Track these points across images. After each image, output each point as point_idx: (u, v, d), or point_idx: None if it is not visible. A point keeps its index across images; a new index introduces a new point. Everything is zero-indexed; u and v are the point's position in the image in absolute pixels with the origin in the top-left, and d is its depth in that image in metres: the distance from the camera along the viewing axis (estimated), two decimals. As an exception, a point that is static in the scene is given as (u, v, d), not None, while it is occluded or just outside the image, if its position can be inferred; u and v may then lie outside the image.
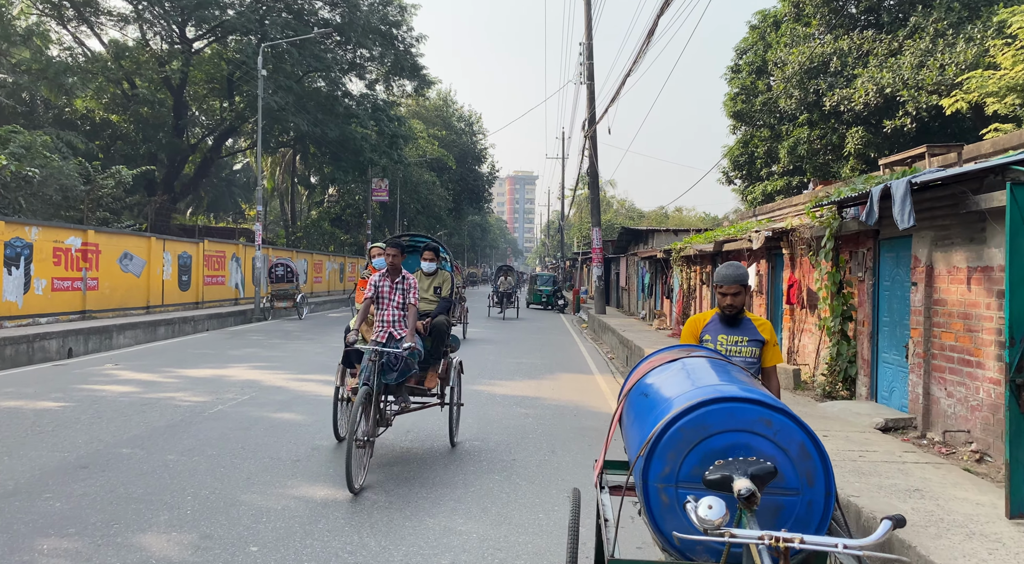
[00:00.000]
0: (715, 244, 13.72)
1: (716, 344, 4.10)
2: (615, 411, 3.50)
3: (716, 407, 2.64)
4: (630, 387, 3.42)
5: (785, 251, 10.82)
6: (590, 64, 26.94)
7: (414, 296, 6.62)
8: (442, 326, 7.48)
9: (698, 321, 4.26)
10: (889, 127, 20.73)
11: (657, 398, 3.02)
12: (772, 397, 2.74)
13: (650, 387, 3.19)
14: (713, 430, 2.63)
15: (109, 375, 11.78)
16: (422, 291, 7.67)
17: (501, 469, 6.75)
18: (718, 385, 2.90)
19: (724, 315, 4.16)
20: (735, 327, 4.14)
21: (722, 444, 2.62)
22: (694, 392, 2.81)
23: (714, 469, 2.48)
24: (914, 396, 7.10)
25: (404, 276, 6.67)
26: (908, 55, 20.29)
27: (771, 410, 2.62)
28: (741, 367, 3.49)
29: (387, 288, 6.62)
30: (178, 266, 23.25)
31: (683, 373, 3.18)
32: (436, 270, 7.95)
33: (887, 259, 7.93)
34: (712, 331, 4.16)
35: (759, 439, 2.61)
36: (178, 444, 7.22)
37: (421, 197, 54.35)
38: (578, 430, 8.59)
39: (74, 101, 33.21)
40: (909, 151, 12.29)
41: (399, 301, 6.60)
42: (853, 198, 7.65)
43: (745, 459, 2.50)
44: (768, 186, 27.82)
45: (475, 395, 10.70)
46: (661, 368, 3.34)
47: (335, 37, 36.68)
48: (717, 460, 2.55)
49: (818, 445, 2.60)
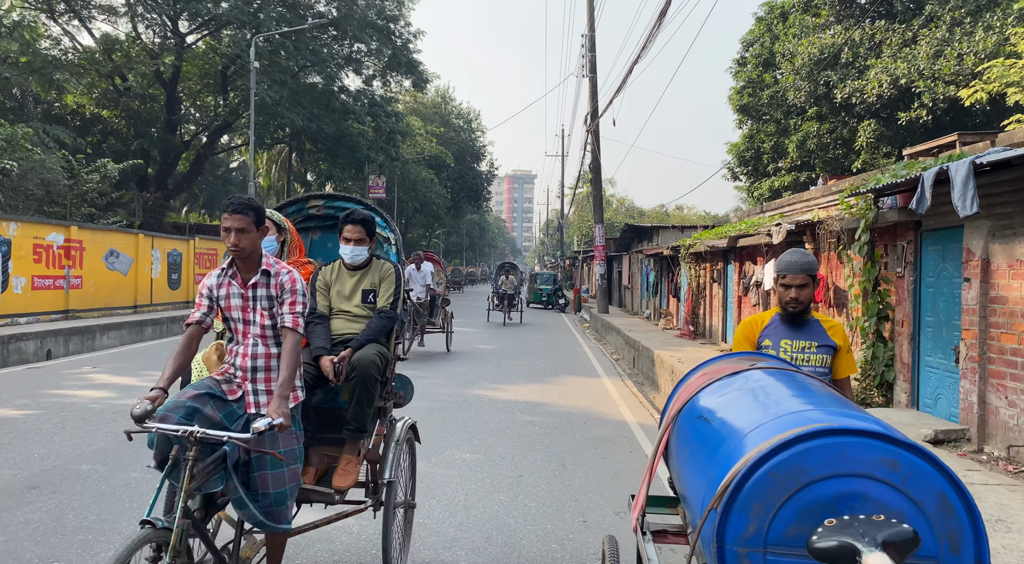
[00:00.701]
0: (729, 239, 12.99)
1: (779, 351, 3.35)
2: (659, 437, 2.75)
3: (819, 443, 1.90)
4: (679, 407, 2.67)
5: (808, 246, 10.08)
6: (592, 56, 26.20)
7: (294, 308, 3.31)
8: (370, 371, 3.74)
9: (755, 323, 3.51)
10: (904, 119, 19.99)
11: (724, 426, 2.28)
12: (895, 429, 1.99)
13: (711, 410, 2.45)
14: (816, 475, 1.89)
15: (84, 379, 11.02)
16: (342, 298, 4.14)
17: (506, 488, 6.01)
18: (809, 411, 2.16)
19: (787, 314, 3.41)
20: (801, 329, 3.39)
21: (829, 494, 1.88)
22: (781, 421, 2.07)
23: (825, 532, 1.74)
24: (967, 405, 6.36)
25: (277, 272, 3.33)
26: (924, 45, 19.58)
27: (898, 447, 1.89)
28: None
29: (238, 298, 3.35)
30: (167, 264, 22.49)
31: (753, 392, 2.44)
32: (368, 260, 4.17)
33: (931, 253, 7.20)
34: (773, 335, 3.41)
35: (881, 487, 1.87)
36: (145, 458, 6.40)
37: (419, 195, 53.55)
38: (589, 440, 7.85)
39: (64, 97, 32.46)
40: (937, 140, 11.56)
41: (264, 322, 3.35)
42: (892, 186, 6.91)
43: (869, 519, 1.76)
44: (775, 182, 27.06)
45: (475, 401, 9.95)
46: (720, 384, 2.60)
47: (331, 31, 35.95)
48: (827, 518, 1.81)
49: (965, 496, 1.86)
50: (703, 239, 15.51)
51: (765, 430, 2.05)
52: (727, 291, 14.93)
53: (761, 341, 3.41)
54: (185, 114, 37.80)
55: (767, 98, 26.51)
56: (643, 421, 9.13)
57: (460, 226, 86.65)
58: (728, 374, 2.65)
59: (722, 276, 15.21)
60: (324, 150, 38.75)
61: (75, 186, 19.62)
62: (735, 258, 13.94)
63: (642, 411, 9.91)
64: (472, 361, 14.48)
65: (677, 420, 2.66)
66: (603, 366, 14.79)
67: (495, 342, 18.49)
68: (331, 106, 35.45)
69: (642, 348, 14.42)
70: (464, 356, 15.31)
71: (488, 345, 17.77)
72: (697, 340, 15.84)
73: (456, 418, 8.72)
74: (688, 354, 12.75)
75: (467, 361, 14.45)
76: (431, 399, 9.98)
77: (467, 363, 14.11)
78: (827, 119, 24.10)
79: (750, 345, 3.44)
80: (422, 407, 9.33)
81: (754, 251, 12.84)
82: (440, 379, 11.87)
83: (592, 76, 26.18)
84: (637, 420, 9.14)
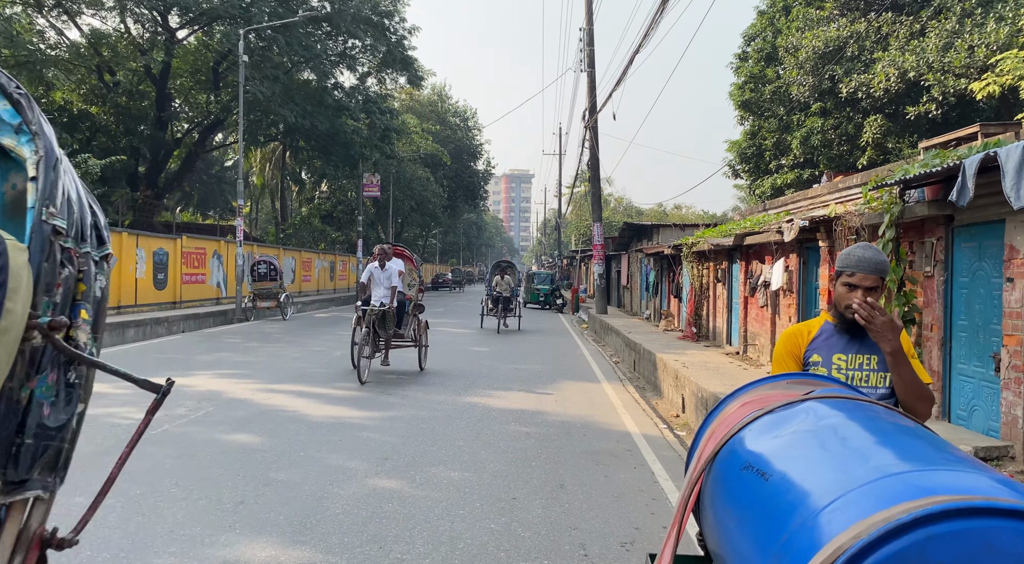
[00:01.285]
0: (735, 237, 12.35)
1: (831, 368, 2.70)
2: (689, 486, 2.10)
3: (950, 528, 1.26)
4: (716, 447, 2.03)
5: (823, 244, 9.45)
6: (590, 51, 25.56)
7: None
8: None
9: (799, 335, 2.84)
10: (912, 113, 19.38)
11: (789, 487, 1.63)
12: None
13: (763, 459, 1.80)
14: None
15: (52, 385, 10.35)
16: None
17: (498, 513, 5.37)
18: (914, 471, 1.51)
19: (845, 321, 2.73)
20: (858, 341, 2.72)
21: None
22: (877, 487, 1.43)
23: None
24: (1010, 419, 5.73)
25: None
26: (933, 37, 18.95)
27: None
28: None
29: None
30: (153, 263, 21.81)
31: (820, 435, 1.80)
32: None
33: (965, 250, 6.57)
34: (823, 348, 2.74)
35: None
36: (96, 479, 5.77)
37: (415, 194, 52.87)
38: (589, 454, 7.21)
39: (52, 93, 31.77)
40: (956, 132, 10.93)
41: None
42: (924, 176, 6.28)
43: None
44: (777, 179, 26.44)
45: (467, 409, 9.31)
46: (771, 420, 1.96)
47: (324, 27, 35.29)
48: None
49: None
50: (707, 237, 14.88)
51: (857, 502, 1.41)
52: (732, 291, 14.30)
53: (808, 356, 2.76)
54: (176, 111, 37.12)
55: (769, 93, 25.90)
56: (647, 431, 8.49)
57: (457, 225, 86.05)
58: (779, 405, 2.01)
59: (727, 276, 14.58)
60: (318, 148, 38.09)
61: (54, 182, 18.87)
62: (741, 257, 13.31)
63: (645, 420, 9.27)
64: (464, 365, 13.84)
65: (714, 465, 2.01)
66: (603, 370, 14.15)
67: (489, 344, 17.85)
68: (325, 103, 34.79)
69: (643, 351, 13.79)
70: (456, 359, 14.66)
71: (482, 348, 17.13)
72: (700, 342, 15.21)
73: (446, 430, 8.08)
74: (692, 358, 12.12)
75: (459, 365, 13.80)
76: (419, 407, 9.34)
77: (459, 367, 13.47)
78: (831, 114, 23.48)
79: (794, 362, 2.78)
80: (408, 416, 8.70)
81: (762, 250, 12.21)
82: (430, 385, 11.23)
83: (590, 71, 25.54)
84: (641, 430, 8.50)
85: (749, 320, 12.96)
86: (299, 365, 12.99)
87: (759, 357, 12.24)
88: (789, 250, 10.78)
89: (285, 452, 6.86)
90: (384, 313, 11.46)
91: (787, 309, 10.99)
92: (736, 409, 2.17)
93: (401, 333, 12.47)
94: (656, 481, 6.36)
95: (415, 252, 76.76)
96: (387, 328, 11.79)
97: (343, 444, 7.27)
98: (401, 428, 8.09)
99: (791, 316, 10.82)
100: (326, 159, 38.35)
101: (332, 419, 8.47)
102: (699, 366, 11.01)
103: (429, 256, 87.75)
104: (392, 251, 12.38)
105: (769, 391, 2.22)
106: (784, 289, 10.90)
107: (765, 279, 11.70)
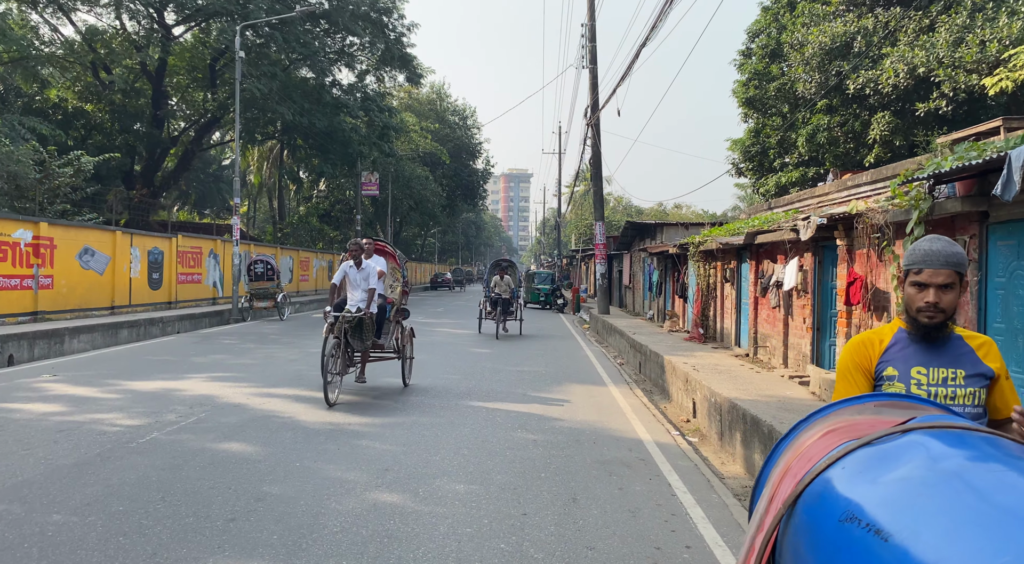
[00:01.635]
0: (746, 236, 11.97)
1: (909, 384, 2.32)
2: (762, 537, 1.71)
3: None
4: (799, 489, 1.64)
5: (840, 242, 9.08)
6: (592, 46, 25.18)
7: None
8: None
9: (869, 344, 2.47)
10: (922, 110, 19.00)
11: (924, 551, 1.25)
12: None
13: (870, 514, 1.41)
14: None
15: (39, 389, 9.97)
16: None
17: (507, 531, 4.98)
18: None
19: (919, 328, 2.37)
20: (939, 351, 2.34)
21: None
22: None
23: None
24: (1054, 429, 5.35)
25: None
26: (943, 32, 18.58)
27: None
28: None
29: None
30: (148, 263, 21.41)
31: (947, 482, 1.41)
32: None
33: (1002, 249, 6.19)
34: (900, 360, 2.37)
35: None
36: (77, 494, 5.43)
37: (414, 193, 52.46)
38: (601, 465, 6.83)
39: (47, 91, 31.37)
40: (976, 127, 10.58)
41: None
42: (961, 169, 5.90)
43: None
44: (782, 177, 26.05)
45: (470, 415, 8.93)
46: (869, 457, 1.58)
47: (322, 24, 34.89)
48: None
49: None
50: (715, 236, 14.50)
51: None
52: (741, 291, 13.93)
53: (881, 370, 2.38)
54: (173, 109, 36.72)
55: (774, 91, 25.51)
56: (659, 439, 8.11)
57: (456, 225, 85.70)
58: (877, 437, 1.62)
59: (735, 275, 14.21)
60: (316, 146, 37.70)
61: (45, 180, 18.48)
62: (751, 256, 12.93)
63: (656, 426, 8.89)
64: (465, 367, 13.46)
65: (797, 512, 1.63)
66: (608, 372, 13.77)
67: (490, 346, 17.46)
68: (323, 100, 34.41)
69: (650, 353, 13.42)
70: (457, 361, 14.29)
71: (483, 349, 16.74)
72: (708, 344, 14.84)
73: (449, 437, 7.70)
74: (701, 360, 11.75)
75: (460, 367, 13.43)
76: (420, 412, 8.96)
77: (460, 370, 13.09)
78: (838, 111, 23.10)
79: (864, 377, 2.40)
80: (409, 422, 8.32)
81: (774, 248, 11.83)
82: (430, 389, 10.84)
83: (592, 67, 25.16)
84: (652, 438, 8.13)
85: (760, 321, 12.59)
86: (295, 367, 12.61)
87: (770, 360, 11.87)
88: (804, 249, 10.40)
89: (280, 462, 6.48)
90: (360, 321, 9.66)
91: (801, 310, 10.62)
92: (816, 439, 1.78)
93: (381, 344, 10.50)
94: (674, 494, 5.98)
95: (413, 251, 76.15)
96: (364, 338, 9.86)
97: (341, 453, 6.89)
98: (402, 435, 7.71)
99: (805, 317, 10.44)
100: (324, 157, 37.96)
101: (329, 425, 8.09)
102: (709, 369, 10.64)
103: (428, 255, 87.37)
104: (372, 247, 10.54)
105: (855, 416, 1.84)
106: (798, 289, 10.52)
107: (778, 279, 11.33)
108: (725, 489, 6.36)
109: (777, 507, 1.69)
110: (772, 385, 9.29)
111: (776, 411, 7.30)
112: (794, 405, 7.73)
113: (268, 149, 49.55)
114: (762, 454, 6.67)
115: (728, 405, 7.98)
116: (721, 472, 7.16)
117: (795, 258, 10.63)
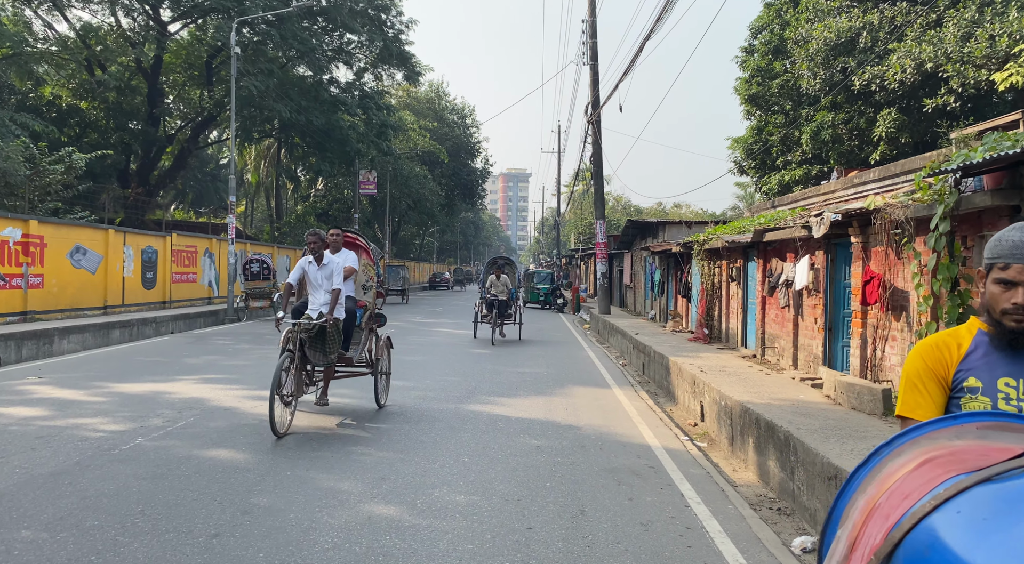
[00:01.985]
0: (754, 233, 11.62)
1: (995, 398, 1.96)
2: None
3: None
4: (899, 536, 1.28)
5: (855, 239, 8.73)
6: (593, 43, 24.84)
7: None
8: None
9: (945, 348, 2.10)
10: (930, 106, 18.67)
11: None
12: None
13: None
14: None
15: (22, 392, 9.60)
16: None
17: (512, 548, 4.63)
18: None
19: (1004, 332, 2.00)
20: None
21: None
22: None
23: None
24: (1096, 437, 5.00)
25: None
26: (951, 26, 18.26)
27: None
28: None
29: None
30: (141, 262, 21.04)
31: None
32: None
33: (1034, 244, 5.84)
34: (983, 369, 2.00)
35: None
36: (51, 506, 5.07)
37: (412, 192, 52.06)
38: (609, 472, 6.48)
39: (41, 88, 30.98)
40: (994, 120, 10.26)
41: None
42: (992, 160, 5.56)
43: None
44: (785, 175, 25.72)
45: (471, 419, 8.57)
46: (995, 494, 1.23)
47: (320, 21, 34.53)
48: None
49: None
50: (720, 234, 14.15)
51: None
52: (748, 291, 13.58)
53: (961, 380, 2.02)
54: (169, 107, 36.32)
55: (777, 88, 25.18)
56: (668, 444, 7.76)
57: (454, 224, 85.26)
58: (998, 473, 1.27)
59: (741, 274, 13.86)
60: (313, 144, 37.34)
61: (35, 177, 18.09)
62: (758, 254, 12.58)
63: (664, 431, 8.55)
64: (464, 369, 13.11)
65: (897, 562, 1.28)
66: (611, 374, 13.42)
67: (489, 347, 17.10)
68: (320, 98, 34.04)
69: (654, 354, 13.07)
70: (456, 363, 13.94)
71: (482, 350, 16.39)
72: (713, 344, 14.49)
73: (448, 443, 7.35)
74: (708, 361, 11.40)
75: (459, 369, 13.07)
76: (418, 418, 8.60)
77: (459, 371, 12.74)
78: (842, 108, 22.75)
79: (939, 387, 2.04)
80: (407, 428, 7.97)
81: (782, 247, 11.48)
82: (429, 392, 10.49)
83: (593, 63, 24.82)
84: (661, 443, 7.78)
85: (767, 321, 12.24)
86: (290, 369, 12.23)
87: (779, 361, 11.52)
88: (815, 247, 10.05)
89: (269, 471, 6.13)
90: (322, 329, 7.82)
91: (812, 310, 10.27)
92: (912, 470, 1.43)
93: (349, 357, 8.63)
94: (687, 505, 5.63)
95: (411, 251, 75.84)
96: (327, 351, 7.92)
97: (334, 461, 6.53)
98: (399, 441, 7.36)
99: (816, 317, 10.10)
100: (322, 156, 37.58)
101: (323, 431, 7.73)
102: (717, 371, 10.29)
103: (426, 255, 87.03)
104: (340, 239, 8.83)
105: (954, 442, 1.49)
106: (809, 288, 10.18)
107: (787, 278, 10.98)
108: (740, 499, 6.02)
109: (867, 558, 1.34)
110: (784, 388, 8.94)
111: (791, 416, 6.95)
112: (810, 409, 7.38)
113: (265, 147, 49.17)
114: (777, 461, 6.32)
115: (740, 409, 7.63)
116: (734, 480, 6.81)
117: (806, 256, 10.28)
